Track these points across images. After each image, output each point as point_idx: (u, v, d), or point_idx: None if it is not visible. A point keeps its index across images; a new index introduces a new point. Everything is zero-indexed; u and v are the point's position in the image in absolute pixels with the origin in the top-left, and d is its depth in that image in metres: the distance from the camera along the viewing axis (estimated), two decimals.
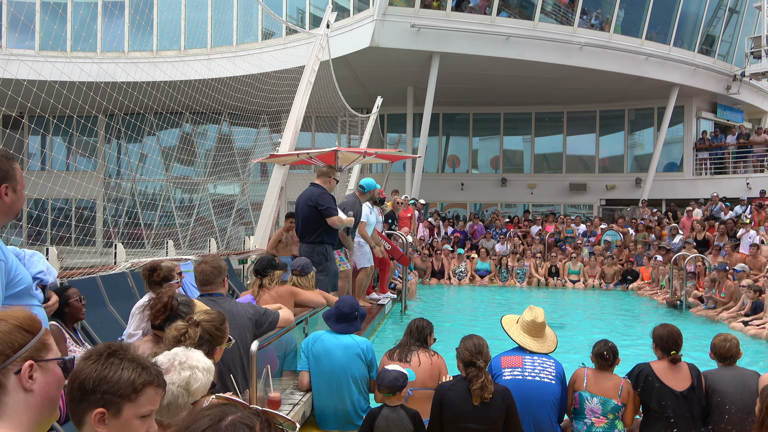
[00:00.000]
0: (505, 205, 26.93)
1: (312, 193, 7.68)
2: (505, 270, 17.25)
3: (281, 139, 12.52)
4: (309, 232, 7.59)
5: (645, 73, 21.56)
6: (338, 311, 5.08)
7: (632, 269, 17.05)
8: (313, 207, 7.52)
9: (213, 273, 4.44)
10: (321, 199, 7.51)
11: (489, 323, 11.01)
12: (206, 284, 4.45)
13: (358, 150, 12.36)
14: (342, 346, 4.99)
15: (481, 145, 28.02)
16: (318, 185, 7.76)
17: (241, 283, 11.27)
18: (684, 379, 4.60)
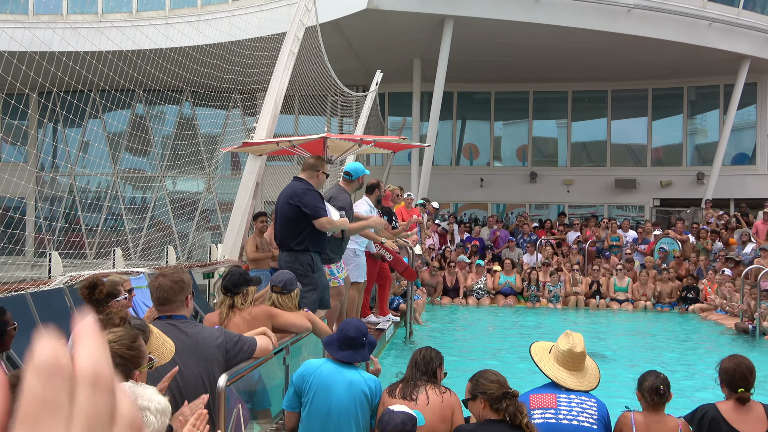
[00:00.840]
0: (535, 206, 26.93)
1: (294, 189, 7.61)
2: (534, 287, 17.26)
3: (256, 124, 12.52)
4: (290, 237, 7.55)
5: (708, 42, 21.59)
6: (342, 335, 5.07)
7: (693, 285, 17.06)
8: (296, 207, 7.47)
9: (174, 289, 4.43)
10: (305, 197, 7.45)
11: (514, 353, 11.00)
12: (165, 303, 4.43)
13: (353, 137, 12.36)
14: (346, 381, 4.93)
15: (506, 132, 28.04)
16: (302, 180, 7.71)
17: (206, 302, 11.27)
18: (758, 422, 4.60)
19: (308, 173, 7.75)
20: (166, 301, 4.43)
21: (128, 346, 3.07)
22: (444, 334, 13.12)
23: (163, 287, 4.42)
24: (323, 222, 7.46)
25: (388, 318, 11.44)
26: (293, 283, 6.22)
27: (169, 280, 4.44)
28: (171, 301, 4.44)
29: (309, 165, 7.81)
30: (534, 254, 19.01)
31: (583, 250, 19.13)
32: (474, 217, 27.03)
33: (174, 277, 4.46)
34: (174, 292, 4.44)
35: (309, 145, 10.57)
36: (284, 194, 7.70)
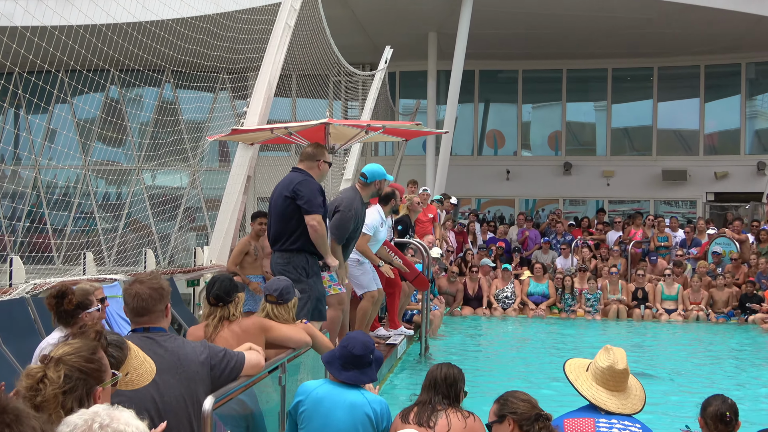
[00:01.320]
0: (570, 201, 26.88)
1: (293, 180, 7.62)
2: (569, 295, 17.23)
3: (248, 108, 12.53)
4: (284, 234, 7.56)
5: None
6: (346, 353, 5.06)
7: (754, 293, 16.98)
8: (291, 199, 7.49)
9: (152, 298, 4.43)
10: (303, 187, 7.45)
11: (546, 371, 10.97)
12: (141, 314, 4.43)
13: (359, 123, 12.35)
14: (346, 404, 4.94)
15: (536, 116, 27.99)
16: (301, 171, 7.71)
17: (190, 313, 11.28)
18: None
19: (307, 163, 7.75)
20: (143, 311, 4.43)
21: (87, 358, 3.06)
22: (464, 349, 13.10)
23: (140, 295, 4.42)
24: (313, 219, 7.44)
25: (400, 331, 11.43)
26: (290, 291, 6.22)
27: (147, 287, 4.43)
28: (149, 311, 4.43)
29: (307, 154, 7.80)
30: (569, 257, 18.95)
31: (626, 252, 19.06)
32: (499, 214, 26.99)
33: (152, 284, 4.46)
34: (153, 301, 4.43)
35: (308, 132, 10.56)
36: (280, 186, 7.72)
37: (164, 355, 4.31)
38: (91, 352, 3.10)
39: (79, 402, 2.91)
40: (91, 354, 3.09)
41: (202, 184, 25.36)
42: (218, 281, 5.80)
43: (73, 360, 3.02)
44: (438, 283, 16.46)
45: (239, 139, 11.88)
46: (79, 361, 3.03)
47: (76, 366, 3.01)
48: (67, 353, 3.05)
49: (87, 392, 3.01)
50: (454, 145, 24.36)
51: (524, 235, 20.28)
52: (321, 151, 7.85)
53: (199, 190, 25.42)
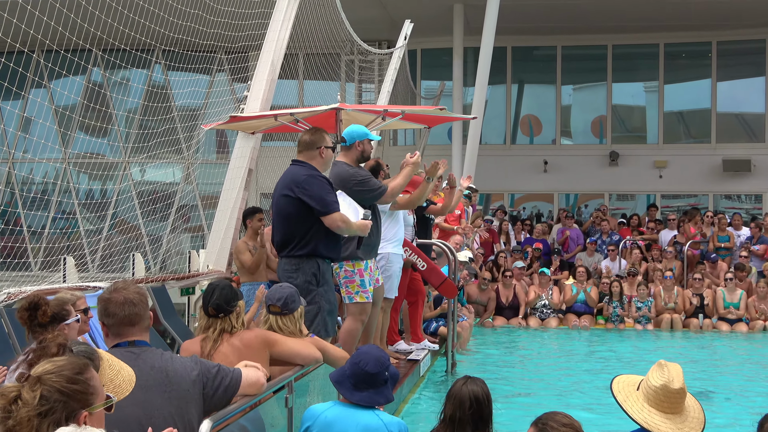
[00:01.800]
0: (617, 196, 26.77)
1: (294, 176, 7.44)
2: (617, 303, 17.16)
3: (248, 93, 12.54)
4: (292, 239, 7.46)
5: None
6: (358, 370, 5.05)
7: None
8: (296, 200, 7.36)
9: (141, 303, 4.44)
10: (309, 185, 7.28)
11: (590, 390, 10.92)
12: (132, 324, 4.40)
13: (374, 108, 12.34)
14: (360, 428, 4.95)
15: (577, 99, 27.90)
16: (302, 163, 7.58)
17: (184, 325, 11.31)
18: None
19: (307, 153, 7.54)
20: (135, 320, 4.44)
21: (70, 378, 3.05)
22: (497, 365, 13.07)
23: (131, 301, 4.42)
24: (335, 220, 7.30)
25: (424, 345, 11.41)
26: (296, 300, 6.21)
27: (133, 293, 4.44)
28: (141, 319, 4.45)
29: (305, 143, 7.61)
30: (616, 260, 18.89)
31: (682, 254, 18.98)
32: (536, 211, 26.91)
33: (137, 289, 4.47)
34: (143, 307, 4.46)
35: (317, 119, 10.56)
36: (281, 183, 7.55)
37: (150, 373, 4.31)
38: (76, 371, 3.08)
39: (56, 427, 2.90)
40: (75, 373, 3.08)
41: (197, 178, 25.42)
42: (217, 289, 5.80)
43: (54, 380, 3.01)
44: (467, 291, 16.42)
45: (239, 128, 11.90)
46: (60, 381, 3.02)
47: (56, 387, 3.00)
48: (48, 371, 3.04)
49: (68, 416, 3.00)
50: (484, 132, 24.31)
51: (564, 235, 20.23)
52: (320, 136, 7.63)
53: (194, 185, 25.48)
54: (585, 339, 16.01)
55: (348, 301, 8.34)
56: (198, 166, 25.28)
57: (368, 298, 8.32)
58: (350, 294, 8.28)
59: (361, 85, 24.46)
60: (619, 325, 16.98)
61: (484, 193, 24.78)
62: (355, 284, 8.23)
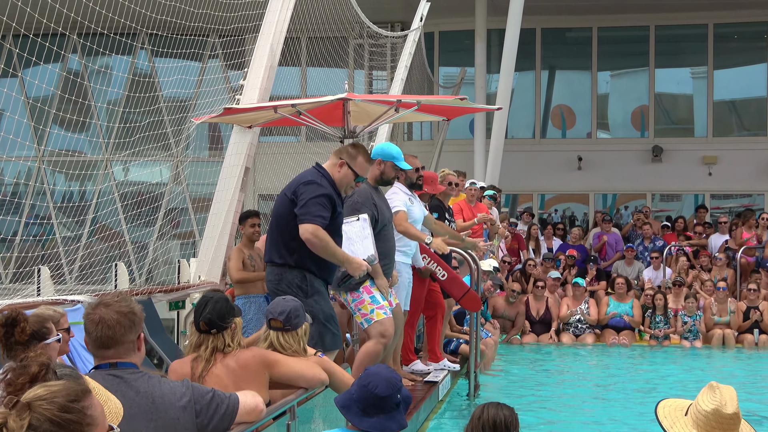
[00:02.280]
0: (661, 196, 26.71)
1: (301, 177, 7.67)
2: (661, 317, 17.12)
3: (245, 81, 12.54)
4: (279, 244, 7.59)
5: None
6: (366, 394, 5.02)
7: None
8: (290, 201, 7.55)
9: (120, 325, 4.43)
10: (305, 187, 7.49)
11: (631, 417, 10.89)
12: (107, 346, 4.43)
13: (387, 98, 12.32)
14: None
15: (615, 86, 27.85)
16: (319, 169, 7.77)
17: (174, 344, 11.31)
18: None
19: (331, 161, 7.83)
20: (109, 343, 4.44)
21: (63, 406, 3.03)
22: (526, 388, 13.06)
23: (106, 322, 4.42)
24: (306, 230, 7.37)
25: (443, 365, 11.39)
26: (300, 314, 6.22)
27: (114, 312, 4.44)
28: (117, 343, 4.44)
29: (346, 151, 7.93)
30: (660, 269, 18.84)
31: (734, 261, 18.92)
32: (570, 214, 26.87)
33: (121, 308, 4.46)
34: (122, 330, 4.44)
35: (322, 110, 10.56)
36: (288, 184, 7.80)
37: (135, 398, 4.31)
38: (71, 398, 3.06)
39: None
40: (70, 401, 3.05)
41: (187, 178, 25.46)
42: (210, 302, 5.80)
43: (44, 407, 2.99)
44: (492, 304, 16.39)
45: (234, 121, 11.89)
46: (52, 410, 2.99)
47: (47, 415, 2.98)
48: (39, 397, 3.01)
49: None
50: (510, 125, 24.30)
51: (602, 240, 20.18)
52: (356, 151, 7.87)
53: (184, 186, 25.52)
54: (625, 358, 15.97)
55: (367, 325, 8.30)
56: (188, 164, 25.32)
57: (386, 313, 8.29)
58: (366, 316, 8.25)
59: (372, 73, 24.46)
60: (664, 342, 16.94)
61: (509, 193, 24.81)
62: (366, 303, 8.22)
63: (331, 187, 7.61)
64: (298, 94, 21.83)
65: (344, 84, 11.18)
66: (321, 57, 19.79)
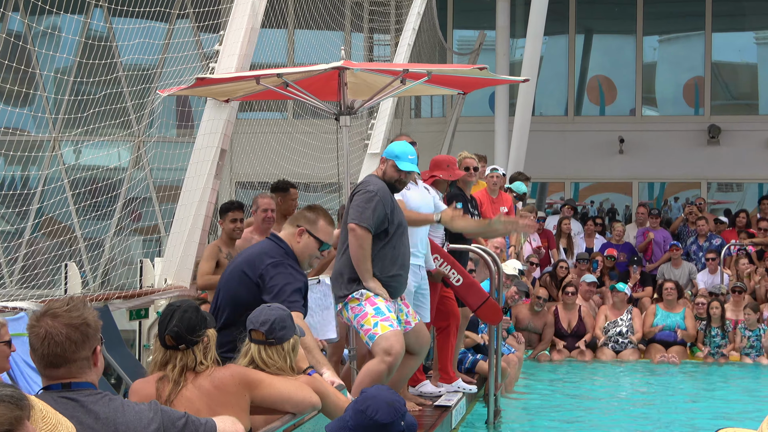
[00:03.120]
0: (718, 185, 26.72)
1: (260, 253, 7.57)
2: (718, 330, 17.13)
3: (220, 46, 12.56)
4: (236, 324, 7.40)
5: None
6: (364, 420, 5.02)
7: None
8: (253, 284, 7.42)
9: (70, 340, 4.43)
10: (272, 271, 7.37)
11: None
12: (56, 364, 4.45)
13: (391, 67, 12.34)
14: None
15: (663, 54, 27.86)
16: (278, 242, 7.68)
17: (135, 360, 11.34)
18: None
19: (287, 231, 7.71)
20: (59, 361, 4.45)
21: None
22: (555, 413, 13.09)
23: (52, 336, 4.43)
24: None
25: (457, 386, 11.41)
26: (287, 325, 6.23)
27: (62, 325, 4.45)
28: (68, 361, 4.45)
29: (291, 218, 7.91)
30: (716, 273, 18.84)
31: None
32: (609, 207, 26.89)
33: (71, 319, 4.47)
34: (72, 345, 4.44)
35: (313, 82, 10.58)
36: (242, 257, 7.67)
37: (94, 426, 4.33)
38: (5, 428, 3.10)
39: None
40: (4, 430, 3.09)
41: (151, 162, 25.45)
42: (177, 312, 5.80)
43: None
44: (515, 314, 16.40)
45: (208, 94, 11.91)
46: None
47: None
48: None
49: None
50: (539, 100, 24.34)
51: (647, 238, 20.18)
52: (311, 216, 7.70)
53: (147, 171, 25.53)
54: (675, 377, 15.97)
55: (371, 342, 8.35)
56: (152, 145, 25.29)
57: (393, 326, 8.33)
58: (369, 332, 8.31)
59: (373, 37, 24.49)
60: (721, 359, 16.95)
61: (537, 181, 24.79)
62: (369, 317, 8.28)
63: (298, 270, 7.57)
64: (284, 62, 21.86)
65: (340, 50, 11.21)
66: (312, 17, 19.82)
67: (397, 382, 8.77)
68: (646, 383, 15.88)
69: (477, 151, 15.46)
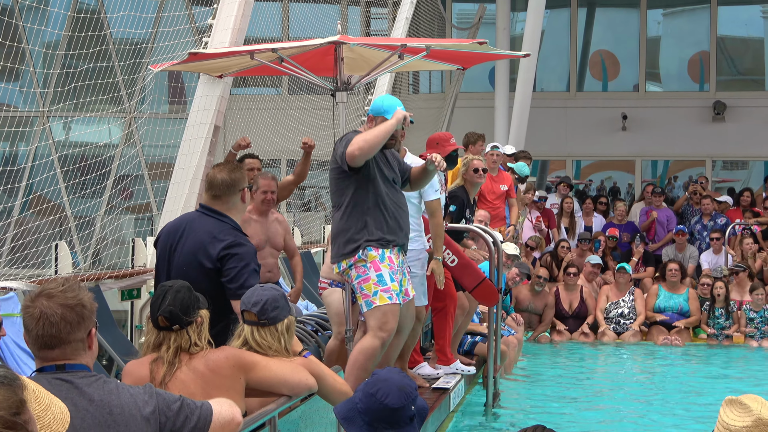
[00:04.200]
0: (723, 163, 26.71)
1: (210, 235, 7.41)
2: (722, 311, 17.13)
3: (214, 20, 12.56)
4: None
5: None
6: (374, 404, 4.97)
7: None
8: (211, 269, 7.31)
9: (65, 321, 4.44)
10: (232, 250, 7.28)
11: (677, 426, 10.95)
12: (51, 345, 4.45)
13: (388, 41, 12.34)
14: None
15: (667, 29, 27.83)
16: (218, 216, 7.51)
17: (127, 341, 11.37)
18: None
19: (222, 201, 7.52)
20: (53, 342, 4.47)
21: (5, 420, 3.07)
22: (556, 396, 13.13)
23: (48, 317, 4.45)
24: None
25: (455, 368, 11.43)
26: (280, 305, 6.24)
27: (58, 305, 4.46)
28: (62, 342, 4.46)
29: (215, 184, 7.58)
30: (721, 253, 18.86)
31: None
32: (611, 185, 26.89)
33: (67, 300, 4.48)
34: (68, 326, 4.46)
35: (309, 57, 10.58)
36: (192, 240, 7.55)
37: (88, 408, 4.34)
38: (13, 411, 3.09)
39: None
40: (12, 414, 3.09)
41: (143, 139, 25.42)
42: (170, 292, 5.79)
43: None
44: (515, 295, 16.40)
45: (201, 69, 11.92)
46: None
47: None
48: None
49: None
50: (540, 76, 24.32)
51: (650, 217, 20.17)
52: (236, 175, 7.56)
53: (139, 148, 25.48)
54: (678, 359, 16.00)
55: (366, 309, 8.36)
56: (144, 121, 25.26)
57: (392, 299, 8.34)
58: (367, 298, 8.32)
59: (369, 10, 24.45)
60: (725, 341, 16.99)
61: (538, 159, 24.78)
62: (371, 283, 8.28)
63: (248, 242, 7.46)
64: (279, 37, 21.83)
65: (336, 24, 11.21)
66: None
67: (383, 365, 8.70)
68: (649, 365, 15.90)
69: (476, 128, 15.49)
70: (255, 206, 10.80)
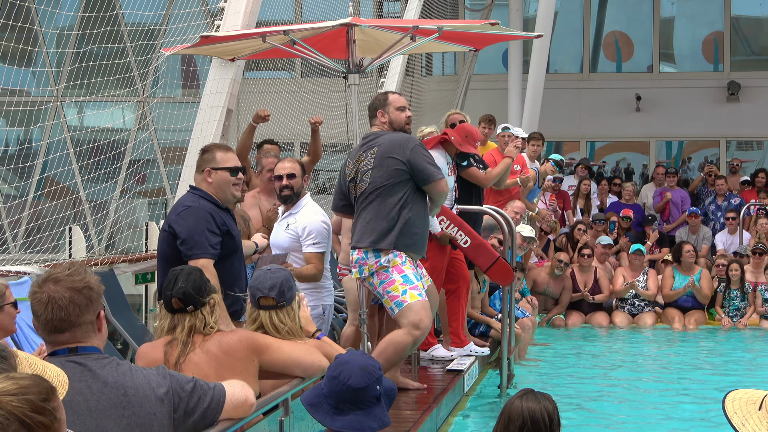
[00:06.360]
0: (738, 144, 26.64)
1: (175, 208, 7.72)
2: (737, 293, 17.10)
3: (225, 3, 12.56)
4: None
5: None
6: (338, 387, 4.96)
7: None
8: (170, 234, 7.54)
9: (74, 304, 4.45)
10: (181, 219, 7.48)
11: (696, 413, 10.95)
12: (58, 330, 4.45)
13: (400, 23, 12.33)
14: None
15: (681, 9, 27.74)
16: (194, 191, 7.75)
17: (141, 324, 11.39)
18: None
19: (198, 178, 7.78)
20: (62, 326, 4.47)
21: (35, 406, 3.06)
22: (570, 379, 13.13)
23: (56, 302, 4.46)
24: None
25: (469, 350, 11.43)
26: (292, 284, 6.26)
27: (65, 289, 4.47)
28: (72, 325, 4.47)
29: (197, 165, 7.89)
30: (736, 233, 18.81)
31: None
32: (626, 166, 26.84)
33: (73, 283, 4.49)
34: (77, 309, 4.47)
35: (321, 39, 10.57)
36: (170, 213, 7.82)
37: (103, 390, 4.37)
38: (42, 397, 3.10)
39: None
40: (42, 400, 3.09)
41: (155, 123, 25.46)
42: (182, 275, 5.79)
43: (14, 404, 3.02)
44: (533, 278, 16.36)
45: (213, 52, 11.92)
46: (23, 409, 3.02)
47: (16, 414, 3.02)
48: (8, 392, 3.04)
49: None
50: (553, 57, 24.27)
51: (664, 198, 20.12)
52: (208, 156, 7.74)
53: (152, 132, 25.52)
54: (692, 341, 15.98)
55: (398, 310, 8.40)
56: (156, 105, 25.29)
57: (422, 295, 8.40)
58: (396, 298, 8.37)
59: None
60: (739, 324, 16.95)
61: (552, 140, 24.73)
62: (397, 284, 8.32)
63: (212, 204, 7.59)
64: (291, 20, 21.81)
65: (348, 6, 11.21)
66: None
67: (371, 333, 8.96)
68: (664, 349, 15.88)
69: (489, 110, 15.48)
70: (262, 186, 10.84)
